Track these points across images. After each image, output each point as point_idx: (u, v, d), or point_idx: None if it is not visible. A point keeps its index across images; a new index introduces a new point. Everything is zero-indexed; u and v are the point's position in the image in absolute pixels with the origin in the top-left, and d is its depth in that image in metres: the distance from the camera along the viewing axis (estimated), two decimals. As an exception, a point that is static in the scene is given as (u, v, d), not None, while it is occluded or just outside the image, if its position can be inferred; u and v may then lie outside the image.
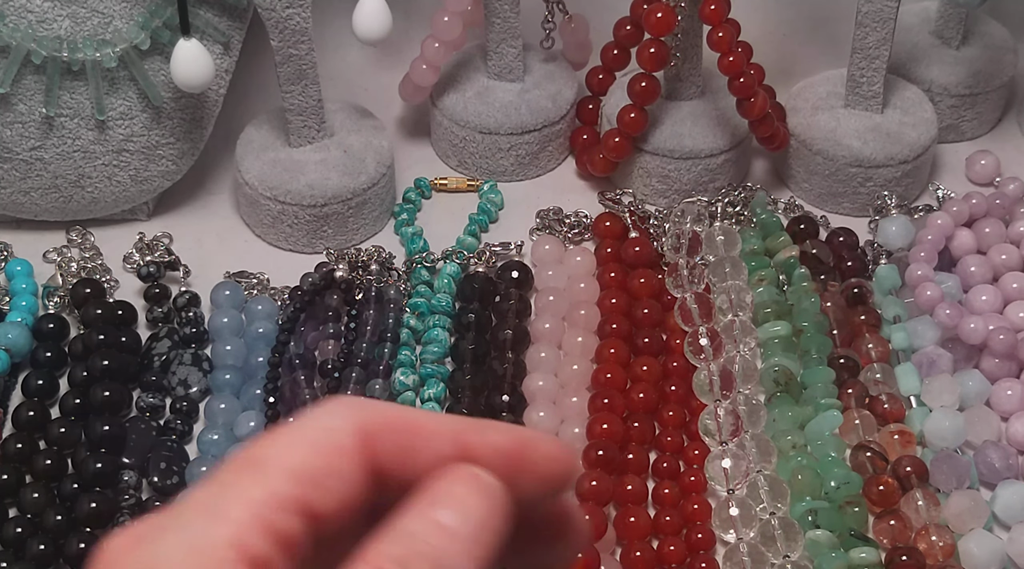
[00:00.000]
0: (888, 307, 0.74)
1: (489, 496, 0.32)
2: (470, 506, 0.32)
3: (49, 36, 0.74)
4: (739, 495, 0.65)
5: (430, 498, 0.32)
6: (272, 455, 0.31)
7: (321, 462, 0.31)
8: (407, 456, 0.33)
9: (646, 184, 0.81)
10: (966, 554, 0.63)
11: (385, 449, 0.33)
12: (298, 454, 0.31)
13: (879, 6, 0.77)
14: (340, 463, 0.32)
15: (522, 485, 0.33)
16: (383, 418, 0.33)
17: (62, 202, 0.78)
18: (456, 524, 0.31)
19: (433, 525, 0.31)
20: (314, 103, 0.77)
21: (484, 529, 0.32)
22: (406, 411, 0.33)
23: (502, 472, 0.33)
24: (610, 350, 0.72)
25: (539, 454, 0.33)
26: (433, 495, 0.32)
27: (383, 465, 0.33)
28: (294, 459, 0.31)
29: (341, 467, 0.32)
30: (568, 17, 0.85)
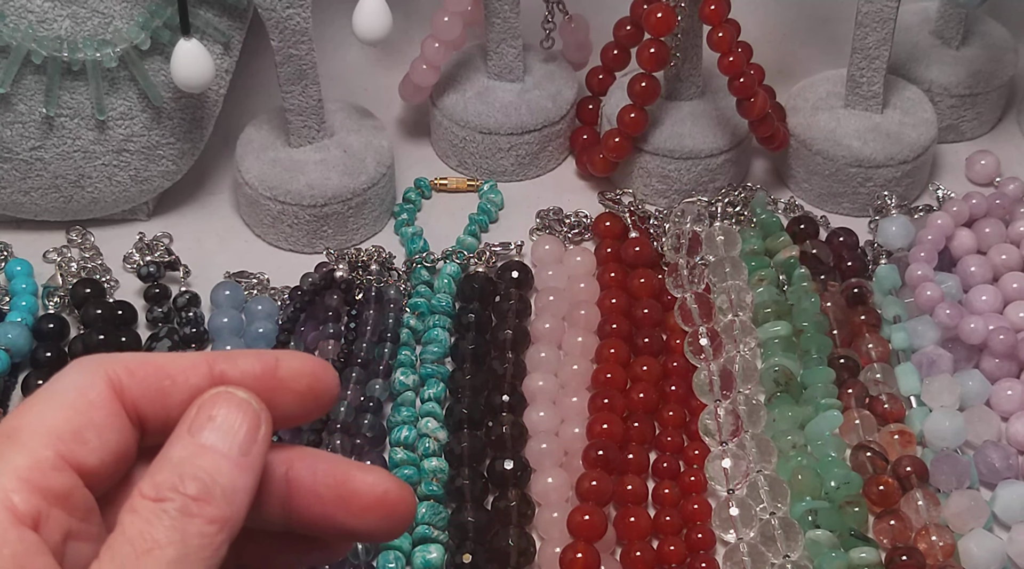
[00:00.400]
0: (888, 307, 0.74)
1: (245, 410, 0.34)
2: (229, 422, 0.34)
3: (49, 36, 0.74)
4: (739, 495, 0.65)
5: (189, 423, 0.34)
6: (27, 423, 0.33)
7: (77, 419, 0.33)
8: (163, 396, 0.35)
9: (646, 184, 0.81)
10: (966, 554, 0.63)
11: (139, 394, 0.34)
12: (52, 417, 0.33)
13: (879, 6, 0.77)
14: (95, 416, 0.34)
15: (280, 403, 0.35)
16: (129, 366, 0.35)
17: (62, 202, 0.78)
18: (218, 441, 0.33)
19: (196, 447, 0.33)
20: (314, 103, 0.77)
21: (248, 441, 0.34)
22: (152, 356, 0.35)
23: (257, 393, 0.34)
24: (610, 350, 0.72)
25: (289, 370, 0.35)
26: (192, 420, 0.34)
27: (142, 409, 0.35)
28: (49, 422, 0.33)
29: (97, 420, 0.34)
30: (568, 17, 0.85)
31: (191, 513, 0.32)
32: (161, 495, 0.32)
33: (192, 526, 0.32)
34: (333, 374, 0.36)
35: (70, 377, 0.34)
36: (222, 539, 0.32)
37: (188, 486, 0.32)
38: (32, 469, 0.32)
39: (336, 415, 0.68)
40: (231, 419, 0.34)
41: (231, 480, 0.33)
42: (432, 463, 0.66)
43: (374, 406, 0.69)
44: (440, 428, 0.68)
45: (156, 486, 0.32)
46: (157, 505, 0.32)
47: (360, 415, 0.69)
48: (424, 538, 0.64)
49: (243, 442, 0.33)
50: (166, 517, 0.32)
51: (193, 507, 0.32)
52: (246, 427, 0.34)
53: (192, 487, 0.32)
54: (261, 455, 0.34)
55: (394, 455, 0.67)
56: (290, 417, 0.36)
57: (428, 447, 0.67)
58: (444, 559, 0.63)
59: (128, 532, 0.32)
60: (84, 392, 0.34)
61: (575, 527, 0.63)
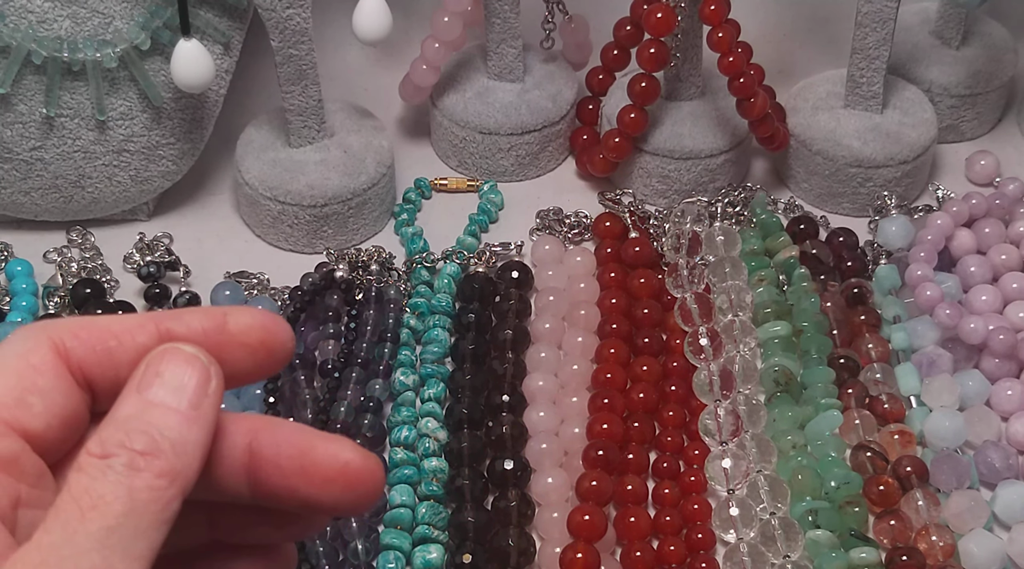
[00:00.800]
0: (888, 307, 0.74)
1: (193, 364, 0.33)
2: (177, 377, 0.33)
3: (49, 36, 0.74)
4: (739, 495, 0.65)
5: (137, 381, 0.33)
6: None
7: (19, 385, 0.33)
8: (109, 357, 0.34)
9: (646, 184, 0.81)
10: (966, 554, 0.63)
11: (85, 356, 0.34)
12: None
13: (879, 6, 0.77)
14: (38, 381, 0.33)
15: (231, 359, 0.35)
16: (73, 329, 0.34)
17: (62, 202, 0.78)
18: (167, 397, 0.33)
19: (144, 404, 0.33)
20: (314, 103, 0.77)
21: (198, 395, 0.33)
22: (96, 318, 0.35)
23: (207, 350, 0.34)
24: (610, 350, 0.72)
25: (238, 325, 0.35)
26: (139, 377, 0.33)
27: (89, 372, 0.34)
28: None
29: (41, 385, 0.33)
30: (568, 17, 0.85)
31: (138, 467, 0.31)
32: (107, 451, 0.32)
33: (139, 480, 0.31)
34: (285, 328, 0.35)
35: (12, 344, 0.34)
36: (172, 493, 0.32)
37: (135, 441, 0.32)
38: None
39: (336, 415, 0.68)
40: (179, 374, 0.33)
41: (180, 434, 0.32)
42: (432, 463, 0.66)
43: (374, 406, 0.69)
44: (440, 428, 0.68)
45: (102, 442, 0.32)
46: (103, 461, 0.32)
47: (360, 415, 0.69)
48: (424, 538, 0.64)
49: (192, 396, 0.33)
50: (111, 473, 0.31)
51: (140, 461, 0.32)
52: (195, 381, 0.33)
53: (139, 442, 0.32)
54: (212, 409, 0.33)
55: (394, 455, 0.67)
56: (243, 374, 0.35)
57: (428, 447, 0.67)
58: (444, 559, 0.64)
59: (73, 490, 0.31)
60: (26, 357, 0.34)
61: (575, 527, 0.63)
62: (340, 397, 0.69)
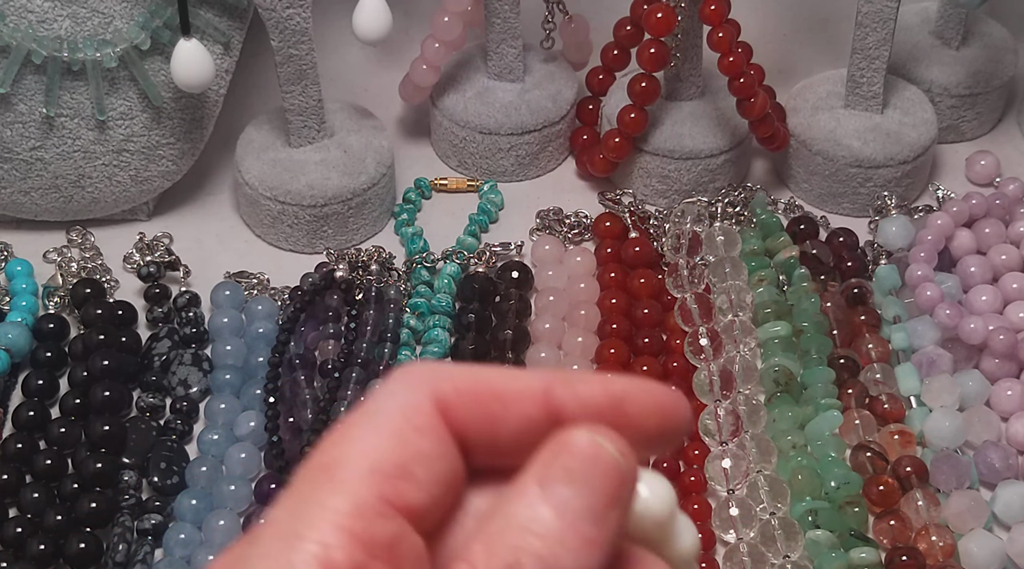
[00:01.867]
0: (888, 307, 0.74)
1: (610, 471, 0.28)
2: (589, 482, 0.28)
3: (49, 36, 0.74)
4: (739, 495, 0.65)
5: (540, 473, 0.28)
6: (346, 455, 0.28)
7: (402, 451, 0.28)
8: (491, 423, 0.29)
9: (646, 184, 0.81)
10: (966, 554, 0.63)
11: (467, 419, 0.29)
12: (375, 448, 0.28)
13: (879, 6, 0.77)
14: (423, 446, 0.28)
15: None
16: (459, 385, 0.29)
17: (62, 202, 0.78)
18: (572, 503, 0.27)
19: (543, 507, 0.27)
20: (314, 103, 0.77)
21: (606, 508, 0.28)
22: (483, 373, 0.30)
23: None
24: (610, 350, 0.72)
25: (638, 407, 0.29)
26: (544, 466, 0.28)
27: (467, 435, 0.29)
28: (372, 456, 0.28)
29: (425, 450, 0.28)
30: (568, 17, 0.85)
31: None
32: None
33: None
34: (685, 410, 0.30)
35: (393, 397, 0.29)
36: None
37: (529, 566, 0.26)
38: (353, 515, 0.27)
39: (336, 415, 0.68)
40: (592, 478, 0.28)
41: (577, 561, 0.27)
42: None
43: (374, 406, 0.69)
44: (440, 428, 0.68)
45: (488, 561, 0.27)
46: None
47: (360, 415, 0.69)
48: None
49: (597, 508, 0.27)
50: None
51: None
52: (608, 490, 0.28)
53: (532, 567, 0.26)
54: (620, 524, 0.28)
55: (394, 455, 0.67)
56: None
57: (428, 447, 0.67)
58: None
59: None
60: (409, 416, 0.28)
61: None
62: (340, 397, 0.69)
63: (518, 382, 0.29)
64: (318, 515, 0.27)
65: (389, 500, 0.27)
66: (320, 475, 0.28)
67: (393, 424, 0.28)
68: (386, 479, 0.27)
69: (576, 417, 0.29)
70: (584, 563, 0.27)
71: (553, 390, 0.29)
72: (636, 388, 0.29)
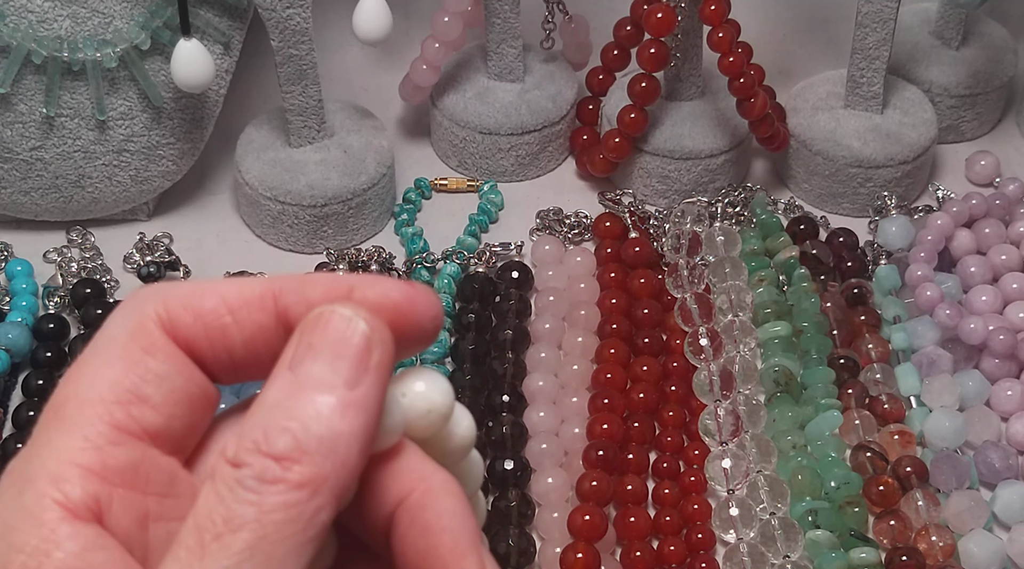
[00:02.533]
0: (888, 307, 0.74)
1: (350, 331, 0.27)
2: (331, 349, 0.27)
3: (49, 36, 0.74)
4: (739, 495, 0.65)
5: (289, 355, 0.27)
6: (75, 391, 0.28)
7: (131, 376, 0.28)
8: (223, 336, 0.29)
9: (646, 184, 0.81)
10: (966, 554, 0.63)
11: (196, 335, 0.29)
12: (102, 378, 0.28)
13: (879, 6, 0.77)
14: (152, 366, 0.28)
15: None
16: (184, 300, 0.29)
17: (62, 202, 0.78)
18: (321, 375, 0.27)
19: (293, 387, 0.27)
20: (314, 103, 0.77)
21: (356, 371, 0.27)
22: (208, 285, 0.29)
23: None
24: (610, 350, 0.72)
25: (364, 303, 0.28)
26: (292, 350, 0.27)
27: (199, 351, 0.29)
28: (99, 386, 0.28)
29: (155, 370, 0.28)
30: (568, 17, 0.85)
31: (271, 478, 0.25)
32: (239, 459, 0.26)
33: (272, 496, 0.25)
34: (425, 303, 0.29)
35: (117, 324, 0.28)
36: (317, 505, 0.26)
37: (273, 442, 0.26)
38: (84, 449, 0.27)
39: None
40: (334, 345, 0.27)
41: (330, 426, 0.26)
42: (432, 463, 0.66)
43: (374, 406, 0.69)
44: (440, 428, 0.68)
45: (237, 444, 0.26)
46: (235, 472, 0.26)
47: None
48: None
49: (348, 373, 0.26)
50: (240, 489, 0.25)
51: (274, 470, 0.25)
52: (352, 353, 0.27)
53: (279, 443, 0.26)
54: (375, 387, 0.27)
55: (394, 455, 0.67)
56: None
57: (428, 447, 0.67)
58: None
59: (199, 514, 0.26)
60: (135, 339, 0.28)
61: (575, 527, 0.63)
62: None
63: (246, 290, 0.29)
64: (48, 455, 0.27)
65: (123, 427, 0.27)
66: (50, 417, 0.28)
67: (119, 350, 0.28)
68: (117, 406, 0.27)
69: (301, 318, 0.28)
70: (339, 428, 0.26)
71: (282, 295, 0.29)
72: (363, 284, 0.29)
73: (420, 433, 0.29)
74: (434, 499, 0.28)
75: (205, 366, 0.29)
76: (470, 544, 0.28)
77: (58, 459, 0.27)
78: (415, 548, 0.28)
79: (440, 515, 0.28)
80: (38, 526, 0.26)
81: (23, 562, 0.26)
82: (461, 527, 0.28)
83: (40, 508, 0.26)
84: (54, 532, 0.26)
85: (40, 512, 0.26)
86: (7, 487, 0.27)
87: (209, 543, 0.25)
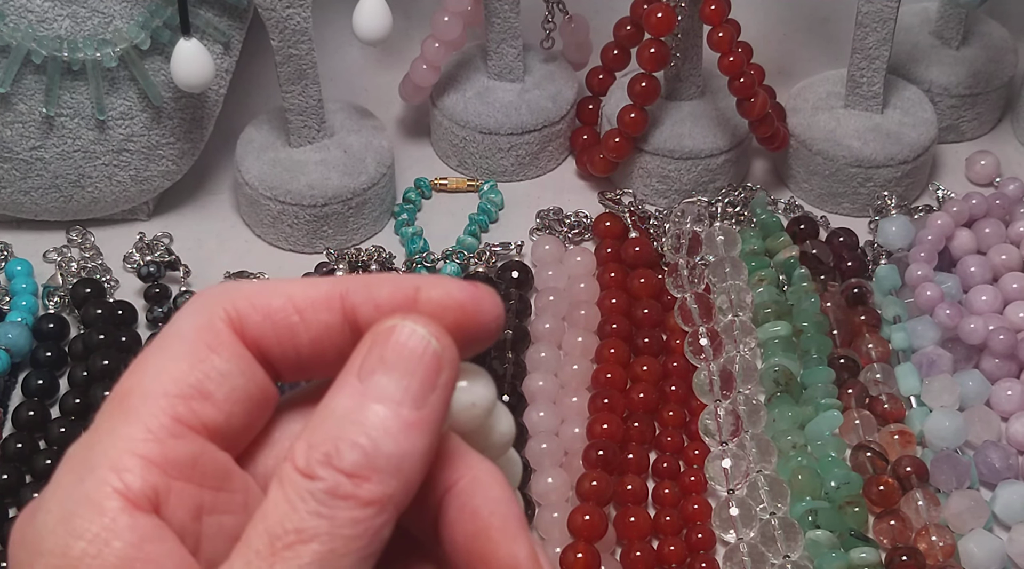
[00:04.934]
0: (888, 307, 0.74)
1: (420, 348, 0.27)
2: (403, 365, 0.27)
3: (49, 36, 0.74)
4: (739, 495, 0.65)
5: (358, 363, 0.27)
6: (137, 384, 0.28)
7: (196, 371, 0.28)
8: (290, 335, 0.29)
9: (646, 184, 0.81)
10: (966, 554, 0.63)
11: (263, 333, 0.29)
12: (168, 372, 0.28)
13: (879, 6, 0.77)
14: (217, 364, 0.29)
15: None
16: (253, 299, 0.29)
17: (62, 202, 0.78)
18: (389, 390, 0.27)
19: (362, 398, 0.27)
20: (314, 103, 0.77)
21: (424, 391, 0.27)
22: (277, 285, 0.29)
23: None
24: (610, 350, 0.72)
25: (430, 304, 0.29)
26: (361, 358, 0.28)
27: (267, 350, 0.29)
28: (165, 379, 0.28)
29: (220, 368, 0.29)
30: (568, 17, 0.85)
31: (344, 495, 0.26)
32: (311, 470, 0.26)
33: (344, 512, 0.26)
34: (489, 304, 0.29)
35: (186, 320, 0.29)
36: (382, 522, 0.26)
37: (344, 457, 0.26)
38: (147, 440, 0.27)
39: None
40: (404, 360, 0.27)
41: (398, 445, 0.26)
42: (432, 463, 0.66)
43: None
44: (440, 428, 0.68)
45: (308, 452, 0.26)
46: (306, 483, 0.26)
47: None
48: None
49: (417, 392, 0.27)
50: (311, 501, 0.26)
51: (347, 486, 0.26)
52: (421, 372, 0.27)
53: (349, 458, 0.26)
54: (440, 406, 0.27)
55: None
56: None
57: (428, 447, 0.67)
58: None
59: (270, 518, 0.26)
60: (202, 336, 0.29)
61: (575, 527, 0.63)
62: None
63: (313, 290, 0.29)
64: (110, 444, 0.27)
65: (184, 421, 0.28)
66: (114, 406, 0.28)
67: (186, 346, 0.28)
68: (180, 400, 0.28)
69: (370, 319, 0.29)
70: (405, 447, 0.27)
71: (348, 296, 0.29)
72: (429, 284, 0.29)
73: (463, 426, 0.30)
74: (482, 486, 0.29)
75: (271, 364, 0.29)
76: (519, 527, 0.29)
77: (120, 449, 0.27)
78: (464, 533, 0.29)
79: (488, 501, 0.29)
80: (99, 514, 0.27)
81: (83, 548, 0.26)
82: (509, 512, 0.29)
83: (101, 496, 0.27)
84: (114, 521, 0.26)
85: (101, 500, 0.27)
86: (67, 473, 0.28)
87: (280, 550, 0.26)
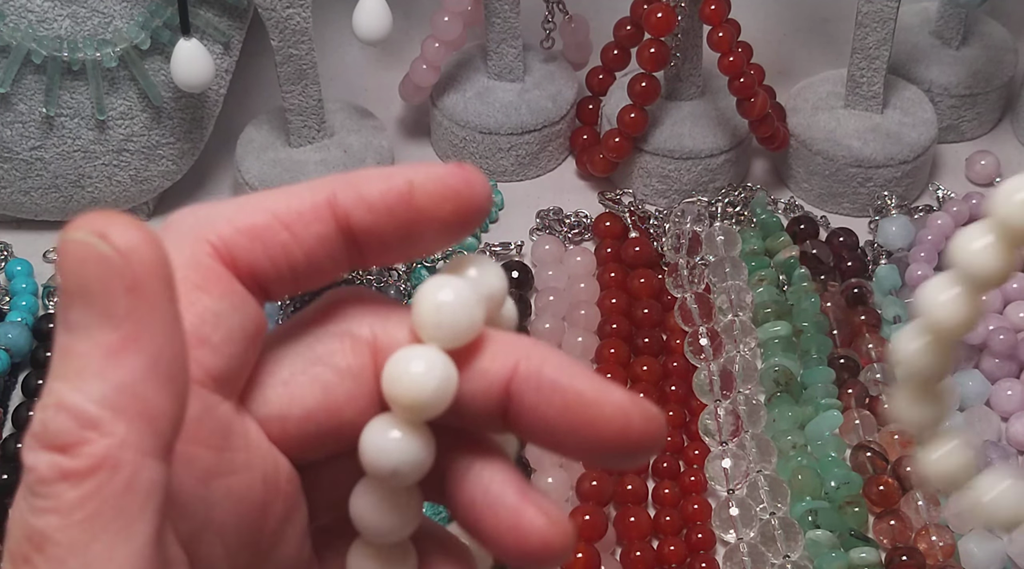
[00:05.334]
0: (888, 307, 0.74)
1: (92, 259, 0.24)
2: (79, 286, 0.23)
3: (49, 36, 0.74)
4: (739, 495, 0.65)
5: None
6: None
7: (188, 318, 0.25)
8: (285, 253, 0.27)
9: (646, 184, 0.81)
10: (966, 554, 0.63)
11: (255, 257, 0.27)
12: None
13: (879, 6, 0.77)
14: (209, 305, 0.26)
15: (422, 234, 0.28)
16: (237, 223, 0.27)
17: (62, 202, 0.78)
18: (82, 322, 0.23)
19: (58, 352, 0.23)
20: (314, 103, 0.77)
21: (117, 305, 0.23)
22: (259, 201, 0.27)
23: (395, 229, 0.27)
24: (610, 350, 0.72)
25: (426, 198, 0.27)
26: None
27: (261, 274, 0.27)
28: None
29: (213, 309, 0.26)
30: (568, 17, 0.85)
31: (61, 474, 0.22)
32: (26, 462, 0.22)
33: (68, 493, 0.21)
34: (478, 179, 0.28)
35: None
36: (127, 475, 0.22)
37: (53, 428, 0.22)
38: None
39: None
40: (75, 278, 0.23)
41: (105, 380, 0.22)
42: (432, 463, 0.66)
43: (374, 406, 0.69)
44: (440, 428, 0.68)
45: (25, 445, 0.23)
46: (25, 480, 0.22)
47: (360, 415, 0.69)
48: (424, 538, 0.64)
49: (101, 309, 0.22)
50: (32, 497, 0.22)
51: (61, 462, 0.22)
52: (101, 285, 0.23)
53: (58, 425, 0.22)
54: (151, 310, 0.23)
55: (394, 455, 0.67)
56: (438, 244, 0.28)
57: (428, 447, 0.67)
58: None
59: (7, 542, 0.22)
60: (185, 276, 0.25)
61: (575, 527, 0.63)
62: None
63: (296, 201, 0.27)
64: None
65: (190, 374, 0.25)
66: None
67: None
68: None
69: (364, 222, 0.27)
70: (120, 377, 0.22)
71: (337, 200, 0.27)
72: (421, 176, 0.27)
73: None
74: (546, 359, 0.27)
75: (263, 288, 0.27)
76: (605, 383, 0.27)
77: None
78: (554, 406, 0.27)
79: (562, 369, 0.27)
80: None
81: None
82: (586, 371, 0.27)
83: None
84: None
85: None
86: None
87: (21, 566, 0.21)
